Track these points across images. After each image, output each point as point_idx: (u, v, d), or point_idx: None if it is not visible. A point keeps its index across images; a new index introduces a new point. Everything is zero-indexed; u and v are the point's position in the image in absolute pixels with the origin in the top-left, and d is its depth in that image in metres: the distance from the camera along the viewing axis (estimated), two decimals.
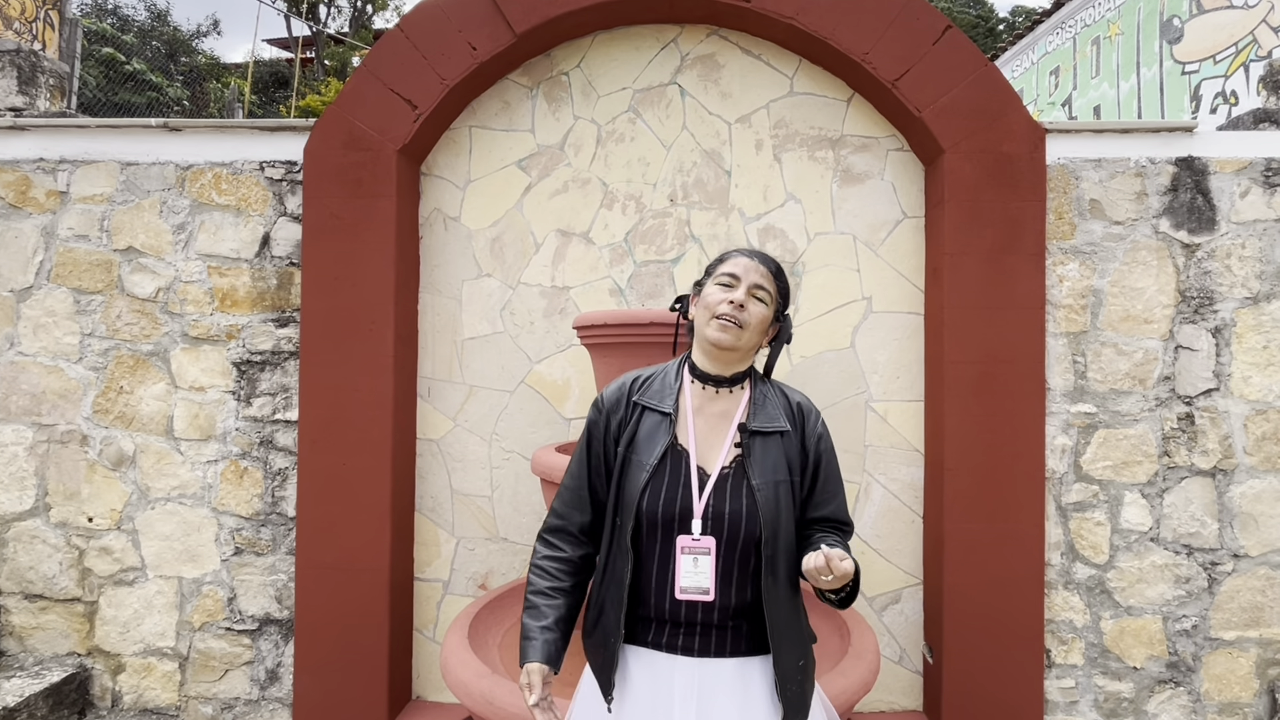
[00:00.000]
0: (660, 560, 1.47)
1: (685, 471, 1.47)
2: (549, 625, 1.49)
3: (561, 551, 1.54)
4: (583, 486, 1.55)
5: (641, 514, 1.46)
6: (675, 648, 1.46)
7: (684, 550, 1.44)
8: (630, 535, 1.46)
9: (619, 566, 1.48)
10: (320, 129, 2.88)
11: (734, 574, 1.46)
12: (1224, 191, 2.86)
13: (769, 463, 1.48)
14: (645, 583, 1.48)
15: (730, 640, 1.47)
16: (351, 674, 2.81)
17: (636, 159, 3.07)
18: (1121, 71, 7.95)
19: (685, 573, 1.43)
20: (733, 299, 1.48)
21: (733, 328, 1.48)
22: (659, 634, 1.48)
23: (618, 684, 1.47)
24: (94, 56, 11.53)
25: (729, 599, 1.46)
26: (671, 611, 1.46)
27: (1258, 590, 2.83)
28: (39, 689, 2.78)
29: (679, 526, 1.45)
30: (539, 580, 1.53)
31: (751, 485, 1.45)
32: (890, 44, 2.81)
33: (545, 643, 1.47)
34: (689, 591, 1.43)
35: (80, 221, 3.03)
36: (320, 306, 2.86)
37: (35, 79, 3.38)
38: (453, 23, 2.88)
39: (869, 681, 2.11)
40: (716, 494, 1.45)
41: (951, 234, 2.78)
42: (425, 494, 3.08)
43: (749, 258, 1.53)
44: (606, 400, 1.57)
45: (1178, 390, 2.85)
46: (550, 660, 1.47)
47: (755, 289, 1.50)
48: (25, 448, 3.03)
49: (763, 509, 1.44)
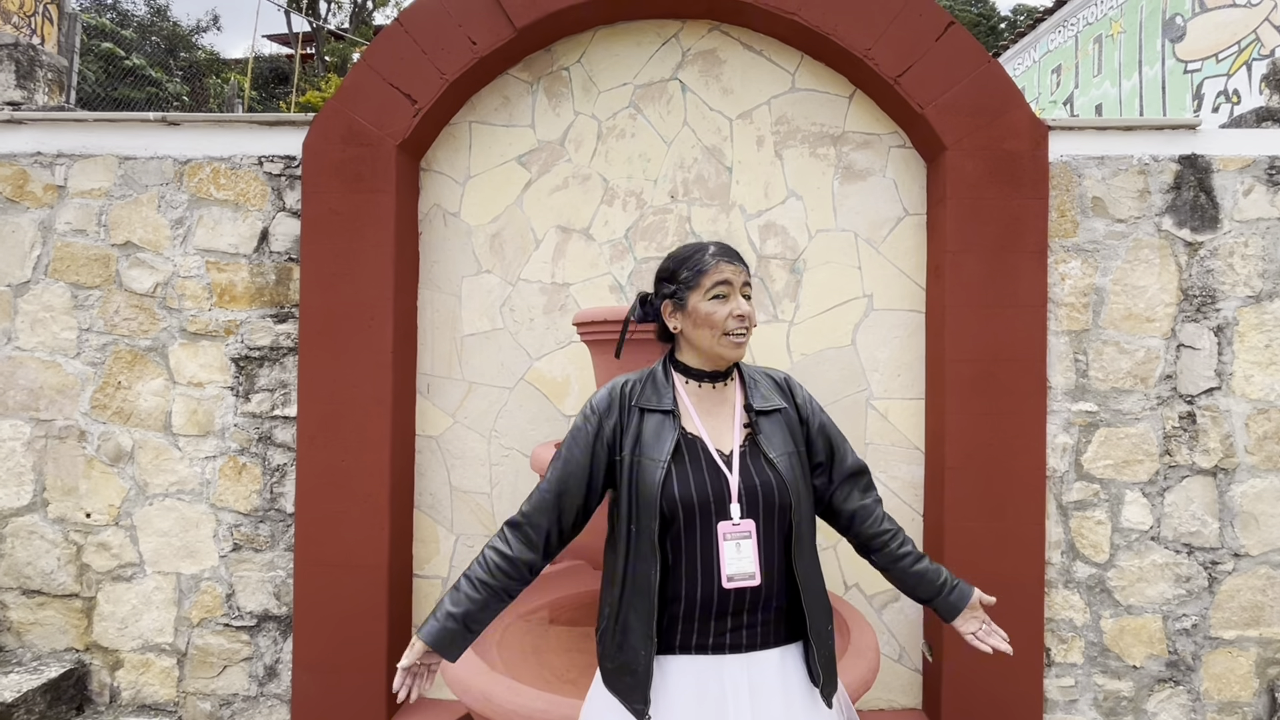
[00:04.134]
0: (701, 549, 1.43)
1: (705, 455, 1.48)
2: (454, 615, 1.47)
3: (509, 549, 1.50)
4: (552, 490, 1.51)
5: (665, 507, 1.43)
6: (723, 647, 1.43)
7: (725, 537, 1.42)
8: (657, 535, 1.43)
9: (643, 573, 1.43)
10: (319, 124, 2.87)
11: (770, 548, 1.46)
12: (1227, 190, 2.85)
13: (778, 438, 1.52)
14: (680, 580, 1.44)
15: (774, 627, 1.47)
16: (350, 670, 2.80)
17: (637, 155, 3.06)
18: (1124, 70, 7.93)
19: (730, 560, 1.41)
20: (738, 312, 1.49)
21: (744, 338, 1.51)
22: (703, 635, 1.44)
23: (657, 700, 1.42)
24: (93, 51, 11.51)
25: (769, 578, 1.45)
26: (719, 604, 1.42)
27: (1258, 589, 2.82)
28: (37, 685, 2.77)
29: (716, 510, 1.44)
30: (476, 570, 1.50)
31: (769, 459, 1.48)
32: (893, 40, 2.79)
33: (443, 629, 1.47)
34: (737, 579, 1.41)
35: (78, 216, 3.01)
36: (319, 302, 2.85)
37: (33, 73, 3.37)
38: (452, 17, 2.86)
39: (869, 679, 2.10)
40: (741, 471, 1.47)
41: (953, 231, 2.77)
42: (424, 491, 3.07)
43: (728, 260, 1.51)
44: (598, 406, 1.55)
45: (1179, 389, 2.84)
46: (439, 645, 1.47)
47: (745, 288, 1.53)
48: (23, 443, 3.02)
49: (787, 478, 1.47)
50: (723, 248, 1.54)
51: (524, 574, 1.51)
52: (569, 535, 1.55)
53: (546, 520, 1.51)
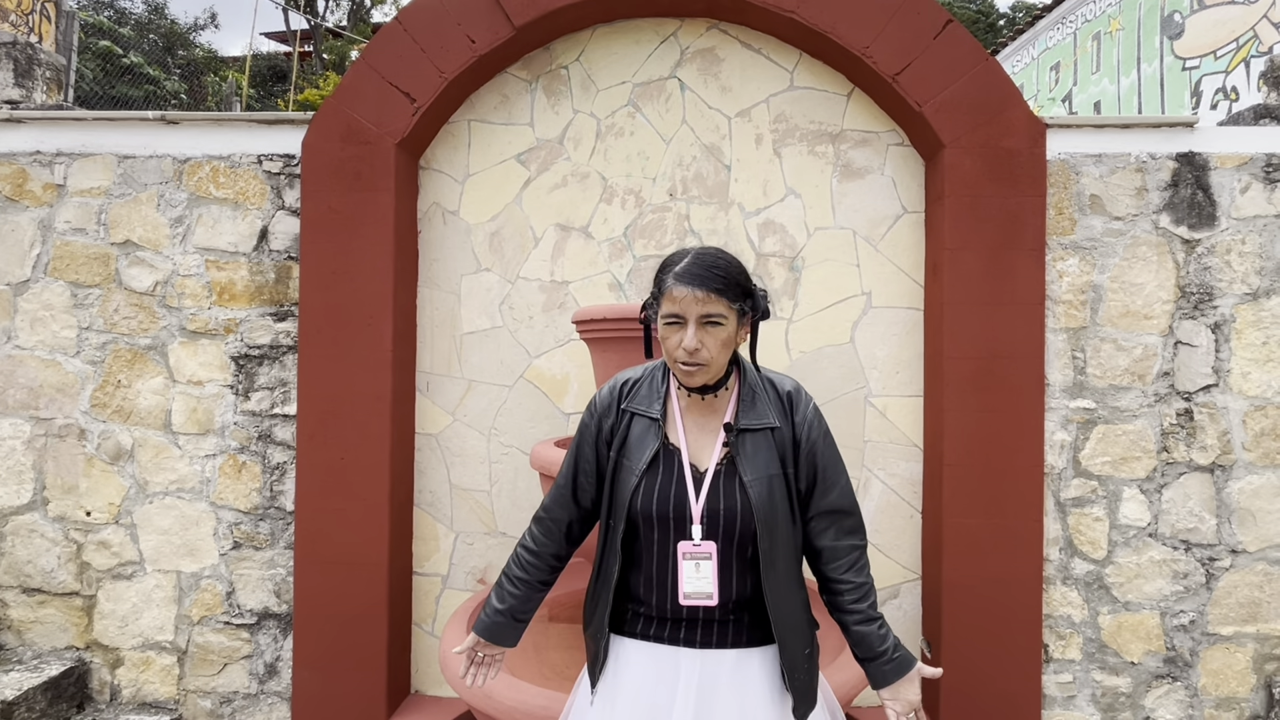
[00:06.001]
0: (659, 561, 1.48)
1: (679, 470, 1.47)
2: (500, 610, 1.59)
3: (534, 544, 1.61)
4: (568, 485, 1.59)
5: (635, 515, 1.47)
6: (678, 640, 1.49)
7: (685, 556, 1.44)
8: (622, 538, 1.48)
9: (608, 567, 1.51)
10: (318, 122, 2.87)
11: (733, 569, 1.47)
12: (1224, 187, 2.85)
13: (760, 459, 1.46)
14: (643, 582, 1.50)
15: (732, 632, 1.48)
16: (350, 668, 2.81)
17: (636, 153, 3.06)
18: (1122, 67, 7.94)
19: (688, 579, 1.44)
20: (685, 345, 1.39)
21: (696, 370, 1.41)
22: (660, 629, 1.50)
23: (613, 676, 1.52)
24: (91, 50, 11.48)
25: (729, 594, 1.47)
26: (674, 611, 1.48)
27: (1255, 586, 2.83)
28: (37, 683, 2.78)
29: (675, 527, 1.45)
30: (512, 567, 1.62)
31: (744, 482, 1.44)
32: (891, 38, 2.80)
33: (492, 623, 1.59)
34: (692, 597, 1.44)
35: (77, 215, 3.01)
36: (318, 301, 2.85)
37: (31, 71, 3.36)
38: (451, 15, 2.87)
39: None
40: (710, 492, 1.45)
41: (951, 229, 2.77)
42: (424, 489, 3.07)
43: (687, 286, 1.37)
44: (599, 404, 1.58)
45: (1177, 386, 2.85)
46: (492, 637, 1.60)
47: (704, 320, 1.39)
48: (23, 441, 3.02)
49: (756, 505, 1.43)
50: (693, 265, 1.40)
51: (552, 564, 1.61)
52: (590, 522, 1.62)
53: (565, 513, 1.60)
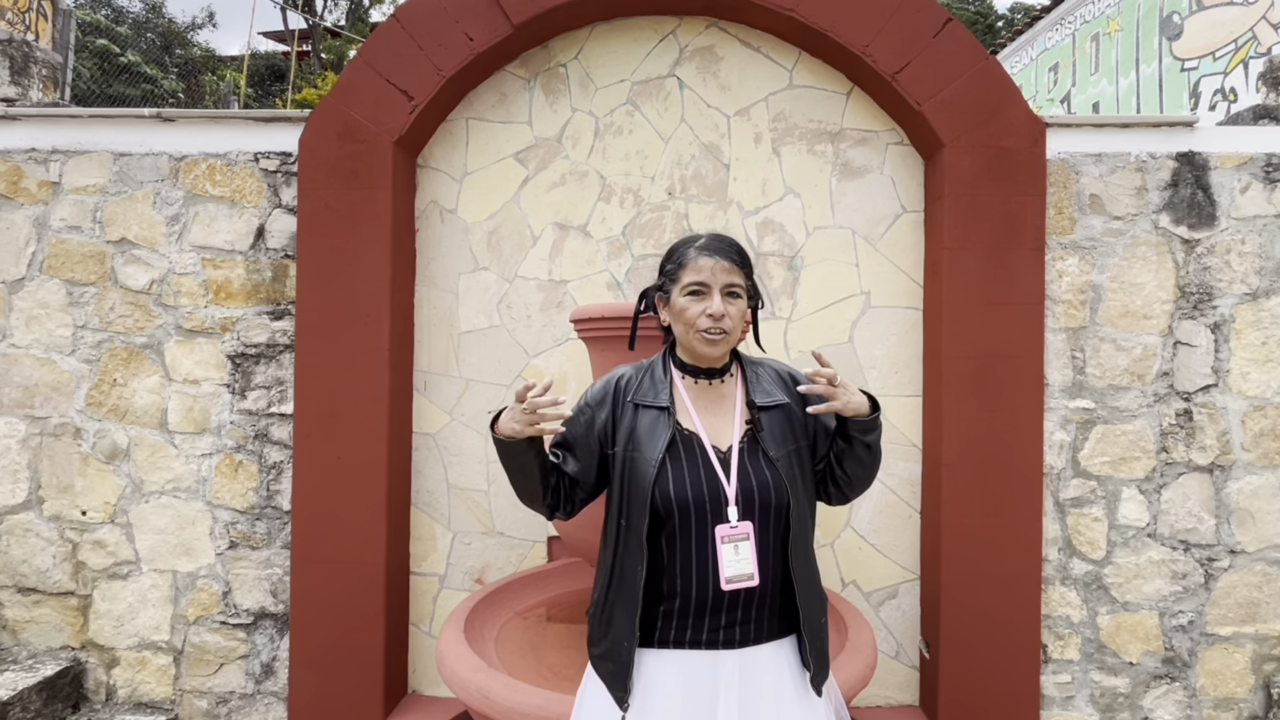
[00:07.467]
0: (696, 549, 1.43)
1: (701, 453, 1.46)
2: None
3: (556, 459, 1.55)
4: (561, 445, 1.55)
5: (660, 504, 1.42)
6: (716, 643, 1.43)
7: (724, 540, 1.41)
8: (646, 532, 1.42)
9: (630, 568, 1.43)
10: (315, 120, 2.86)
11: (769, 546, 1.45)
12: (1224, 187, 2.85)
13: (779, 434, 1.49)
14: (680, 576, 1.44)
15: (768, 623, 1.46)
16: (347, 668, 2.80)
17: (634, 152, 3.05)
18: (1121, 68, 7.94)
19: (728, 562, 1.40)
20: (710, 312, 1.43)
21: (720, 338, 1.45)
22: (697, 631, 1.43)
23: (640, 692, 1.43)
24: (88, 48, 11.45)
25: (766, 572, 1.44)
26: (715, 602, 1.42)
27: (1254, 586, 2.83)
28: (32, 682, 2.76)
29: (712, 511, 1.42)
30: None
31: (770, 457, 1.46)
32: (890, 37, 2.79)
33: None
34: (735, 580, 1.40)
35: (73, 212, 3.00)
36: (315, 299, 2.84)
37: (28, 69, 3.35)
38: (449, 13, 2.85)
39: (866, 676, 2.10)
40: (740, 471, 1.45)
41: (951, 229, 2.77)
42: (421, 488, 3.06)
43: (711, 256, 1.45)
44: (592, 396, 1.56)
45: (1176, 386, 2.84)
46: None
47: (727, 290, 1.45)
48: (18, 440, 3.01)
49: (786, 477, 1.45)
50: (712, 241, 1.48)
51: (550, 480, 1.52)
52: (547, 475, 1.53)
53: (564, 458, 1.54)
